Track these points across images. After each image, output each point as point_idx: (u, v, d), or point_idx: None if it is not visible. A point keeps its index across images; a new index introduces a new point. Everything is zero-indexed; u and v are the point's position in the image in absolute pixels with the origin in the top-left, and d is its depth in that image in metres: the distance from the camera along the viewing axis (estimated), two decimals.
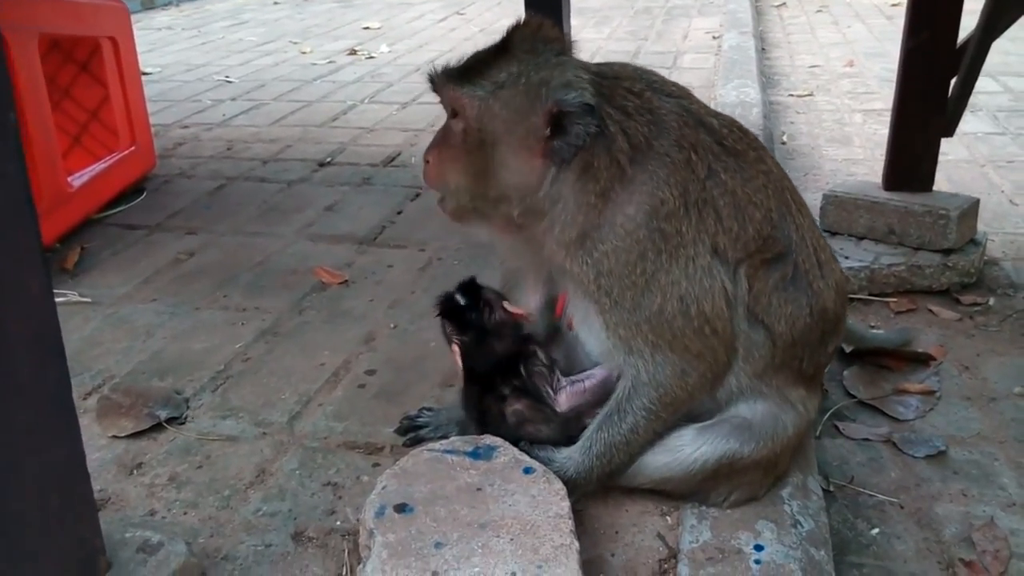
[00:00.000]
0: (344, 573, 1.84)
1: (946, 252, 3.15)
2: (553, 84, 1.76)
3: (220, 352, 2.75)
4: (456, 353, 2.06)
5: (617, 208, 1.80)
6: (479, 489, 1.81)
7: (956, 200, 3.22)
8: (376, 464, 2.18)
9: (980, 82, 3.28)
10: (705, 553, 1.79)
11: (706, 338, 1.83)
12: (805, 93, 6.10)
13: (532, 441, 1.98)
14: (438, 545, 1.66)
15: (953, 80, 3.17)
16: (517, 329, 2.08)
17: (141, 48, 4.66)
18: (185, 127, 5.47)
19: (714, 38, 7.75)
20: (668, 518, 1.95)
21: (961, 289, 3.14)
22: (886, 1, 9.37)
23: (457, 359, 2.06)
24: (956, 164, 4.44)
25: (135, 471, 2.20)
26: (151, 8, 11.11)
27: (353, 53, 7.77)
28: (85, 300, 3.13)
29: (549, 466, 1.91)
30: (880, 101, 5.72)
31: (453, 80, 1.82)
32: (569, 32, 2.93)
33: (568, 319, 2.03)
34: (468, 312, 2.08)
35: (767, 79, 6.43)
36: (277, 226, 3.79)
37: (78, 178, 3.70)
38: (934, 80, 3.17)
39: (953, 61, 3.13)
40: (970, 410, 2.52)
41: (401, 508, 1.76)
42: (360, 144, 5.00)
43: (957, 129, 3.27)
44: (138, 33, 4.57)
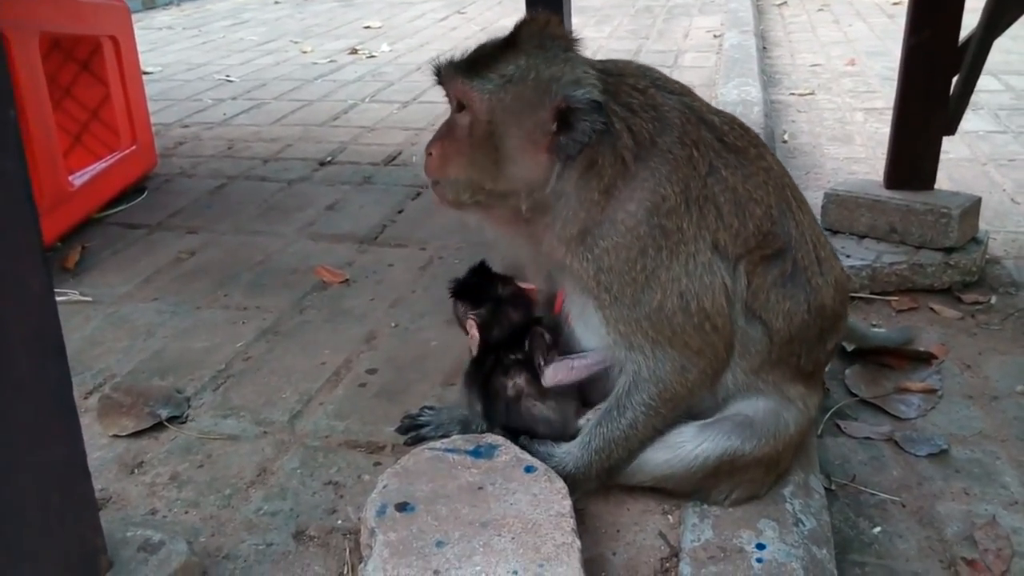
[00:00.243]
0: (345, 572, 1.83)
1: (948, 251, 3.15)
2: (563, 80, 1.76)
3: (221, 351, 2.75)
4: (473, 327, 2.10)
5: (619, 204, 1.80)
6: (480, 488, 1.81)
7: (958, 198, 3.21)
8: (377, 463, 2.17)
9: (981, 80, 3.27)
10: (707, 552, 1.79)
11: (706, 334, 1.83)
12: (806, 92, 6.09)
13: (528, 419, 2.01)
14: (439, 544, 1.66)
15: (955, 78, 3.16)
16: (529, 302, 2.14)
17: (142, 47, 4.66)
18: (186, 126, 5.47)
19: (715, 37, 7.74)
20: (670, 517, 1.95)
21: (963, 288, 3.13)
22: None
23: (475, 332, 2.10)
24: (958, 162, 4.44)
25: (136, 470, 2.20)
26: (152, 7, 11.11)
27: (354, 52, 7.77)
28: (86, 299, 3.13)
29: (548, 461, 1.92)
30: (881, 100, 5.72)
31: (462, 73, 1.81)
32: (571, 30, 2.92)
33: (566, 315, 2.04)
34: (483, 286, 2.15)
35: (768, 78, 6.43)
36: (278, 225, 3.79)
37: (79, 177, 3.70)
38: (936, 78, 3.16)
39: (955, 59, 3.13)
40: (972, 409, 2.52)
41: (402, 507, 1.76)
42: (361, 143, 5.00)
43: (959, 127, 3.27)
44: (139, 32, 4.57)
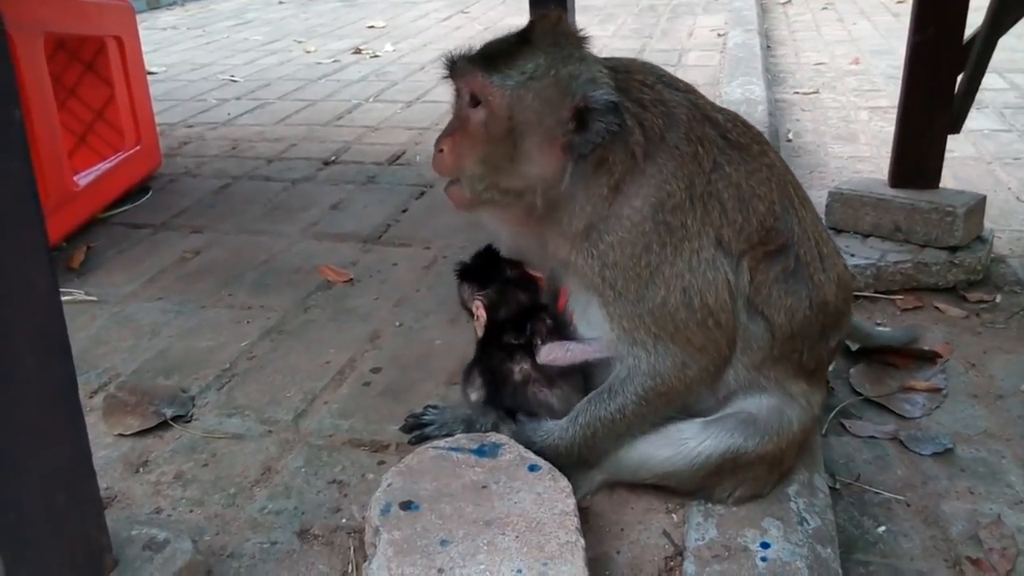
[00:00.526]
0: (350, 571, 1.84)
1: (952, 249, 3.14)
2: (581, 79, 1.76)
3: (226, 350, 2.75)
4: (480, 307, 2.11)
5: (625, 200, 1.80)
6: (484, 487, 1.81)
7: (963, 197, 3.20)
8: (381, 462, 2.17)
9: (986, 79, 3.26)
10: (711, 551, 1.79)
11: (709, 331, 1.84)
12: (811, 90, 6.09)
13: (533, 403, 2.01)
14: (444, 543, 1.66)
15: (959, 77, 3.15)
16: (536, 285, 2.15)
17: (146, 47, 4.66)
18: (190, 126, 5.48)
19: (719, 36, 7.73)
20: (674, 516, 1.95)
21: (968, 286, 3.12)
22: None
23: (481, 313, 2.11)
24: (962, 161, 4.43)
25: (141, 469, 2.20)
26: (156, 8, 11.13)
27: (358, 52, 7.77)
28: (91, 299, 3.13)
29: (535, 432, 1.95)
30: (886, 98, 5.71)
31: (481, 67, 1.78)
32: None
33: (570, 313, 2.04)
34: (489, 268, 2.16)
35: (772, 77, 6.42)
36: (282, 225, 3.79)
37: (84, 177, 3.70)
38: (940, 77, 3.15)
39: (959, 58, 3.12)
40: (977, 408, 2.52)
41: (407, 506, 1.76)
42: (365, 143, 5.00)
43: (963, 126, 3.26)
44: (143, 33, 4.58)
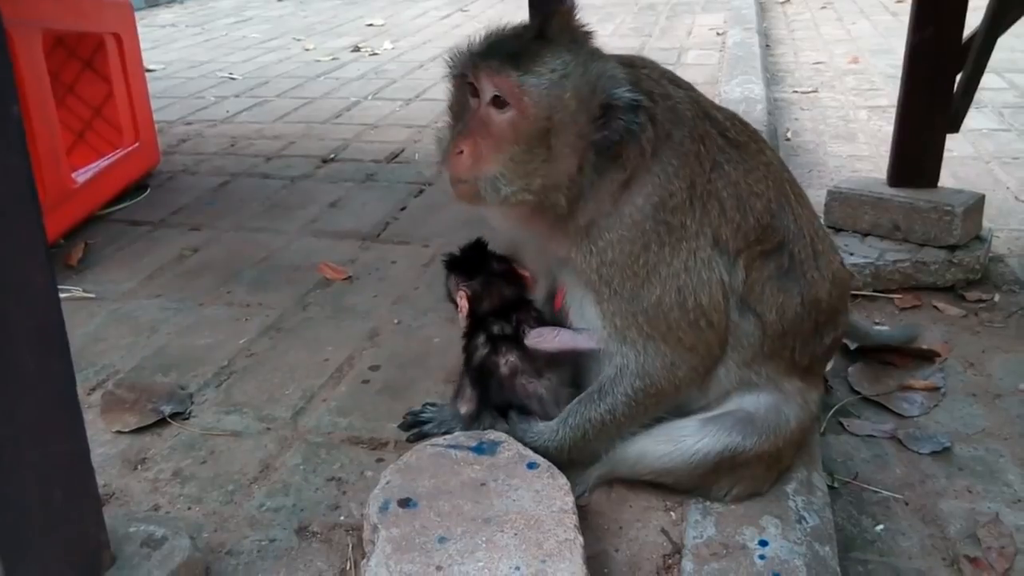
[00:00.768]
0: (348, 568, 1.84)
1: (951, 248, 3.14)
2: (607, 76, 1.75)
3: (224, 348, 2.75)
4: (463, 298, 2.11)
5: (629, 198, 1.80)
6: (483, 484, 1.81)
7: (961, 196, 3.21)
8: (380, 459, 2.17)
9: (985, 78, 3.27)
10: (709, 548, 1.79)
11: (700, 331, 1.84)
12: (809, 89, 6.09)
13: (522, 394, 2.01)
14: (442, 540, 1.66)
15: (958, 76, 3.16)
16: (523, 282, 2.15)
17: (145, 45, 4.66)
18: (189, 124, 5.47)
19: (718, 34, 7.73)
20: (672, 513, 1.95)
21: (966, 285, 3.13)
22: None
23: (464, 304, 2.10)
24: (961, 160, 4.43)
25: (139, 466, 2.20)
26: (155, 5, 11.12)
27: (356, 50, 7.77)
28: (89, 296, 3.13)
29: (526, 434, 1.96)
30: (885, 97, 5.71)
31: (510, 66, 1.71)
32: None
33: (566, 310, 2.04)
34: (476, 260, 2.16)
35: (771, 75, 6.42)
36: (281, 222, 3.79)
37: (82, 174, 3.70)
38: (939, 76, 3.16)
39: (958, 57, 3.12)
40: (975, 407, 2.52)
41: (405, 503, 1.76)
42: (363, 140, 5.00)
43: (962, 125, 3.26)
44: (142, 30, 4.58)
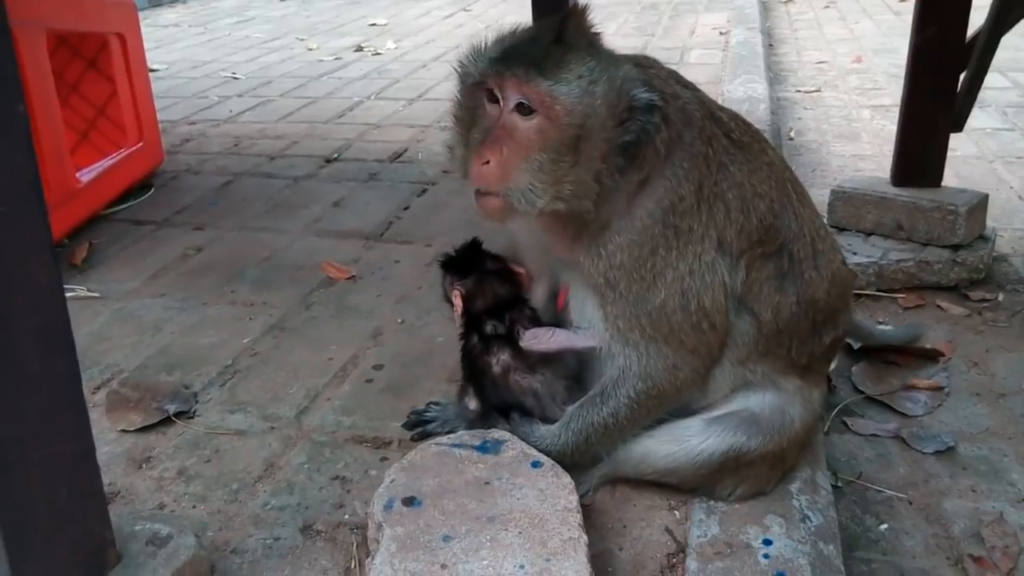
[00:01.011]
0: (352, 566, 1.84)
1: (955, 248, 3.14)
2: (628, 79, 1.75)
3: (228, 347, 2.75)
4: (457, 297, 2.11)
5: (641, 200, 1.80)
6: (487, 483, 1.81)
7: (965, 196, 3.20)
8: (384, 458, 2.18)
9: (989, 78, 3.26)
10: (713, 547, 1.79)
11: (702, 333, 1.84)
12: (813, 89, 6.08)
13: (517, 391, 2.01)
14: (446, 538, 1.67)
15: (962, 75, 3.15)
16: (517, 281, 2.15)
17: (148, 45, 4.67)
18: (192, 123, 5.48)
19: (721, 34, 7.73)
20: (676, 512, 1.95)
21: (970, 285, 3.12)
22: None
23: (458, 303, 2.11)
24: (964, 160, 4.42)
25: (144, 465, 2.21)
26: (158, 5, 11.13)
27: (360, 49, 7.77)
28: (94, 295, 3.14)
29: (529, 437, 1.96)
30: (888, 97, 5.70)
31: (536, 74, 1.68)
32: None
33: (568, 311, 2.04)
34: (472, 260, 2.17)
35: (774, 75, 6.42)
36: (284, 222, 3.79)
37: (86, 174, 3.71)
38: (943, 76, 3.15)
39: (962, 57, 3.11)
40: (979, 406, 2.52)
41: (409, 501, 1.76)
42: (367, 140, 5.00)
43: (966, 125, 3.26)
44: (145, 30, 4.58)
